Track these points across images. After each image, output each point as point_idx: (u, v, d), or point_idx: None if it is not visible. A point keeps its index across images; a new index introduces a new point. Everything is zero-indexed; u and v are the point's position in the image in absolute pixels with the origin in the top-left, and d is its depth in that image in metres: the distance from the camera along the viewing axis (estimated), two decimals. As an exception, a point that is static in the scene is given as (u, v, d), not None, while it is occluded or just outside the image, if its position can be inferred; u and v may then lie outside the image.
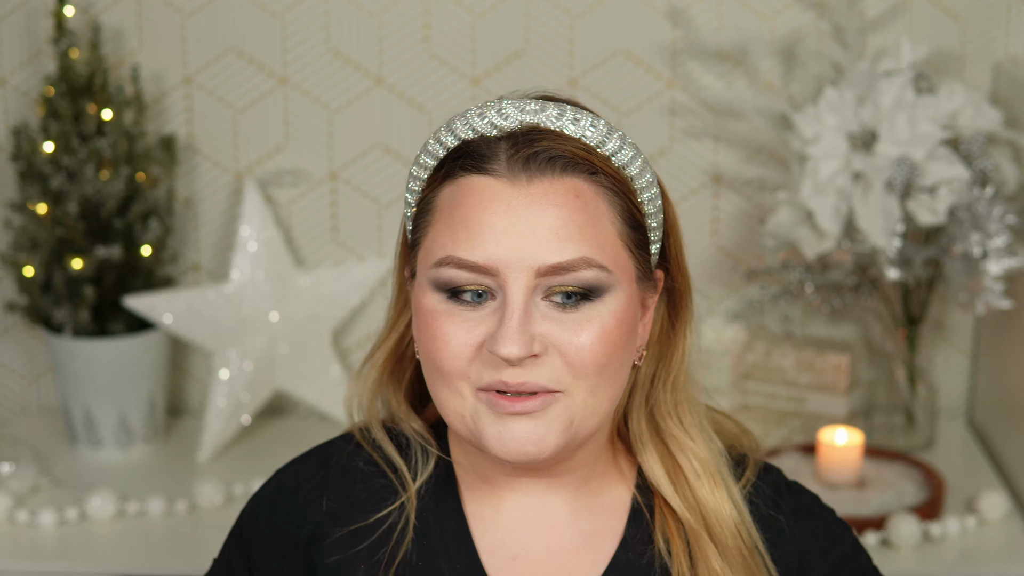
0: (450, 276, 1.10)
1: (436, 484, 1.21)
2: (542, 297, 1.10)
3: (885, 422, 2.13)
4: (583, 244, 1.09)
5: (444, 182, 1.13)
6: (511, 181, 1.10)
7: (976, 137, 1.92)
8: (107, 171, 2.03)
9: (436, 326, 1.11)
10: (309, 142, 2.17)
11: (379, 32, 2.13)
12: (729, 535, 1.18)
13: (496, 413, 1.10)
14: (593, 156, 1.12)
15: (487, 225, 1.09)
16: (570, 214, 1.09)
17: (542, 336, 1.09)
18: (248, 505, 1.26)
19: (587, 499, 1.20)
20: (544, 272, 1.09)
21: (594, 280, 1.10)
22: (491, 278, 1.09)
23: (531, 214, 1.09)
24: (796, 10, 2.11)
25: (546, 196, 1.09)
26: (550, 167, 1.10)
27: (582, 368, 1.10)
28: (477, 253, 1.09)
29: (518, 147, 1.11)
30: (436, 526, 1.20)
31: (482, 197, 1.10)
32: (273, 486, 1.25)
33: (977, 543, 1.86)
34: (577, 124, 1.13)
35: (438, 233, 1.12)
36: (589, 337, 1.10)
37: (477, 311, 1.10)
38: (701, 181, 2.18)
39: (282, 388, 2.15)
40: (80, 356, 2.05)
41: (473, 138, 1.13)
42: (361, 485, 1.21)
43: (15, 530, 1.91)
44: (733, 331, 2.12)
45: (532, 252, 1.08)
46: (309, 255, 2.21)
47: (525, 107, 1.13)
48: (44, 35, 2.13)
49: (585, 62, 2.14)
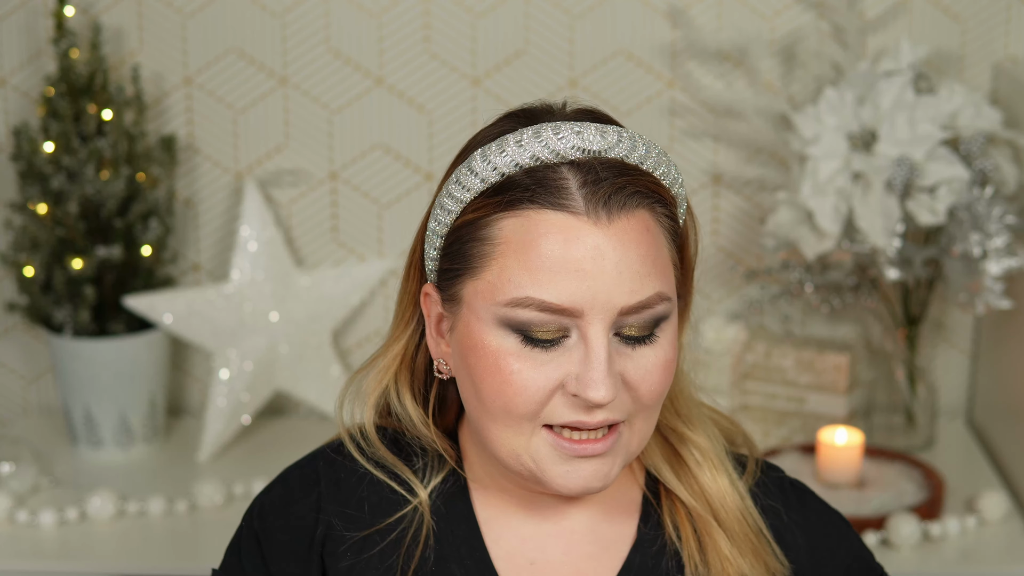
0: (529, 318, 1.07)
1: (447, 490, 1.20)
2: (614, 332, 1.09)
3: (885, 422, 2.13)
4: (657, 279, 1.09)
5: (506, 211, 1.08)
6: (593, 219, 1.06)
7: (976, 137, 1.92)
8: (107, 171, 2.03)
9: (510, 370, 1.08)
10: (309, 142, 2.17)
11: (379, 32, 2.13)
12: (735, 520, 1.18)
13: (563, 454, 1.10)
14: (658, 186, 1.10)
15: (573, 267, 1.06)
16: (646, 250, 1.08)
17: (620, 372, 1.09)
18: (256, 510, 1.23)
19: (602, 502, 1.20)
20: (626, 312, 1.07)
21: (664, 313, 1.10)
22: (570, 319, 1.07)
23: (615, 254, 1.06)
24: (796, 10, 2.11)
25: (627, 234, 1.07)
26: (628, 203, 1.07)
27: (648, 399, 1.10)
28: (563, 296, 1.06)
29: (595, 182, 1.07)
30: (448, 531, 1.19)
31: (565, 236, 1.06)
32: (281, 486, 1.23)
33: (977, 543, 1.86)
34: (634, 150, 1.10)
35: (509, 270, 1.08)
36: (658, 371, 1.10)
37: (551, 352, 1.08)
38: (701, 181, 2.18)
39: (282, 388, 2.15)
40: (80, 356, 2.05)
41: (534, 166, 1.08)
42: (369, 490, 1.20)
43: (15, 530, 1.91)
44: (733, 331, 2.12)
45: (616, 293, 1.06)
46: (309, 255, 2.21)
47: (585, 132, 1.09)
48: (44, 35, 2.13)
49: (585, 62, 2.14)
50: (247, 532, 1.23)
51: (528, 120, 1.12)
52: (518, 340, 1.08)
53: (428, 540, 1.18)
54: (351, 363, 2.23)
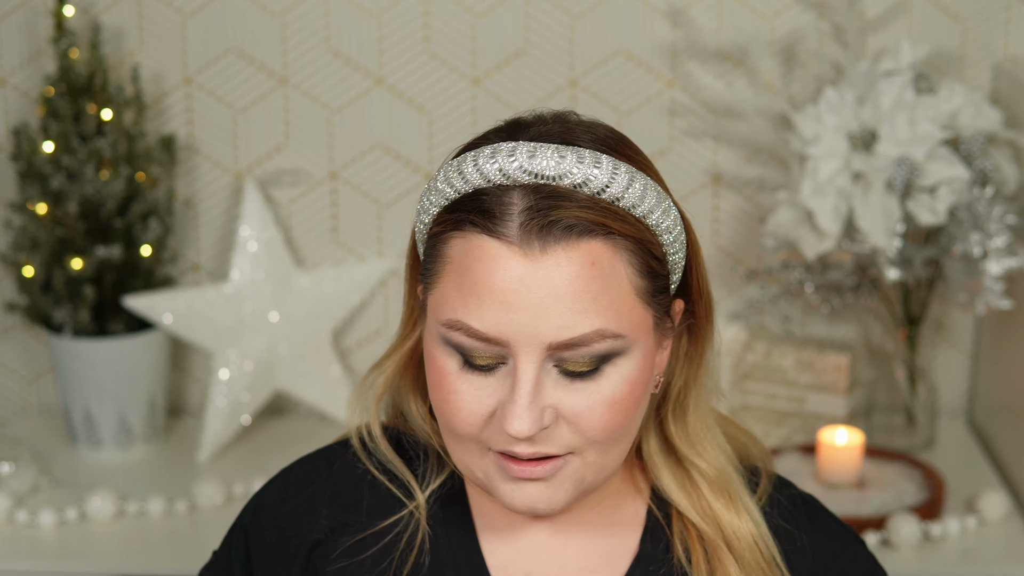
0: (460, 342, 1.06)
1: (446, 493, 1.19)
2: (553, 363, 1.06)
3: (885, 422, 2.13)
4: (597, 316, 1.04)
5: (455, 230, 1.07)
6: (523, 251, 1.03)
7: (976, 137, 1.92)
8: (107, 171, 2.03)
9: (449, 388, 1.07)
10: (309, 142, 2.17)
11: (379, 32, 2.13)
12: (747, 548, 1.16)
13: (507, 475, 1.09)
14: (610, 218, 1.04)
15: (497, 297, 1.03)
16: (585, 284, 1.03)
17: (553, 406, 1.06)
18: (252, 504, 1.23)
19: (602, 516, 1.18)
20: (556, 347, 1.04)
21: (607, 350, 1.05)
22: (502, 348, 1.05)
23: (542, 289, 1.03)
24: (796, 10, 2.11)
25: (559, 268, 1.03)
26: (565, 235, 1.03)
27: (593, 435, 1.07)
28: (488, 325, 1.04)
29: (532, 214, 1.03)
30: (444, 538, 1.18)
31: (493, 266, 1.03)
32: (279, 487, 1.23)
33: (977, 543, 1.86)
34: (597, 173, 1.05)
35: (448, 288, 1.06)
36: (601, 405, 1.06)
37: (489, 377, 1.06)
38: (701, 181, 2.18)
39: (282, 388, 2.15)
40: (80, 356, 2.05)
41: (485, 187, 1.06)
42: (367, 491, 1.20)
43: (15, 530, 1.91)
44: (733, 331, 2.12)
45: (543, 328, 1.03)
46: (309, 255, 2.21)
47: (542, 157, 1.05)
48: (44, 35, 2.13)
49: (585, 62, 2.14)
50: (240, 526, 1.23)
51: (509, 134, 1.10)
52: (459, 362, 1.07)
53: (423, 545, 1.17)
54: (351, 363, 2.23)
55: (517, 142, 1.07)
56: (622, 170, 1.06)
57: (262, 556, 1.21)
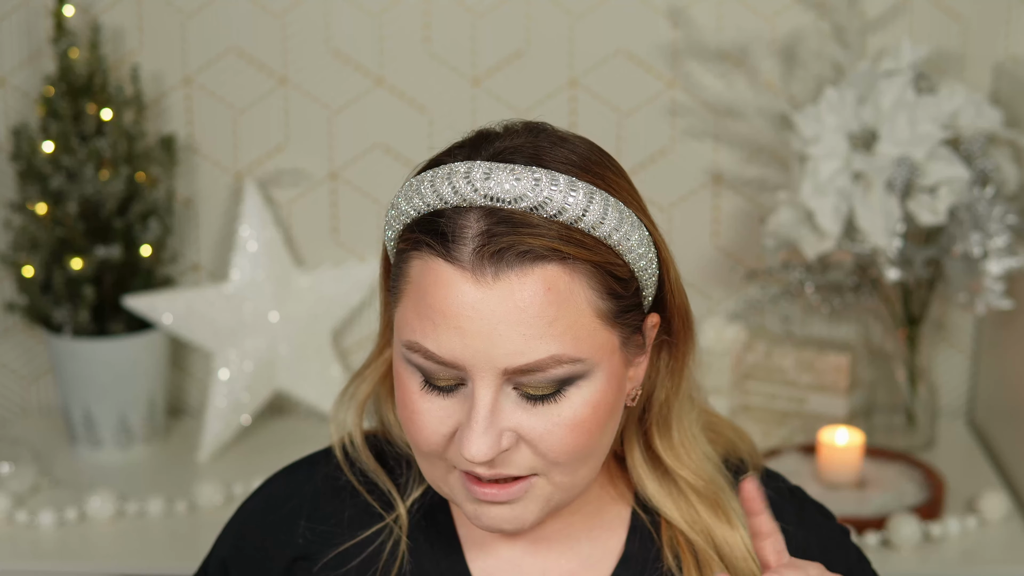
0: (420, 363, 1.05)
1: (428, 503, 1.19)
2: (512, 387, 1.04)
3: (885, 422, 2.13)
4: (552, 342, 1.02)
5: (413, 250, 1.06)
6: (476, 278, 1.01)
7: (976, 137, 1.92)
8: (107, 171, 2.03)
9: (412, 408, 1.07)
10: (309, 142, 2.17)
11: (379, 32, 2.13)
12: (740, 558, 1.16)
13: (471, 496, 1.08)
14: (567, 243, 1.02)
15: (452, 323, 1.02)
16: (539, 310, 1.01)
17: (513, 428, 1.05)
18: (234, 520, 1.24)
19: (584, 521, 1.18)
20: (511, 372, 1.03)
21: (565, 375, 1.04)
22: (459, 371, 1.04)
23: (495, 315, 1.01)
24: (796, 10, 2.11)
25: (512, 296, 1.01)
26: (519, 261, 1.01)
27: (555, 457, 1.06)
28: (443, 349, 1.03)
29: (485, 239, 1.02)
30: (428, 547, 1.18)
31: (446, 292, 1.02)
32: (259, 500, 1.23)
33: (977, 543, 1.86)
34: (553, 196, 1.03)
35: (408, 309, 1.06)
36: (562, 428, 1.05)
37: (449, 398, 1.06)
38: (701, 181, 2.18)
39: (282, 388, 2.15)
40: (80, 356, 2.05)
41: (442, 208, 1.04)
42: (349, 501, 1.19)
43: (15, 530, 1.91)
44: (733, 331, 2.12)
45: (497, 354, 1.02)
46: (309, 255, 2.21)
47: (495, 177, 1.03)
48: (44, 35, 2.13)
49: (585, 62, 2.13)
50: (221, 541, 1.24)
51: (472, 149, 1.08)
52: (420, 380, 1.06)
53: (406, 556, 1.17)
54: (351, 363, 2.23)
55: (474, 162, 1.05)
56: (580, 190, 1.04)
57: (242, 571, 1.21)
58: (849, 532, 1.25)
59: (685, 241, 2.17)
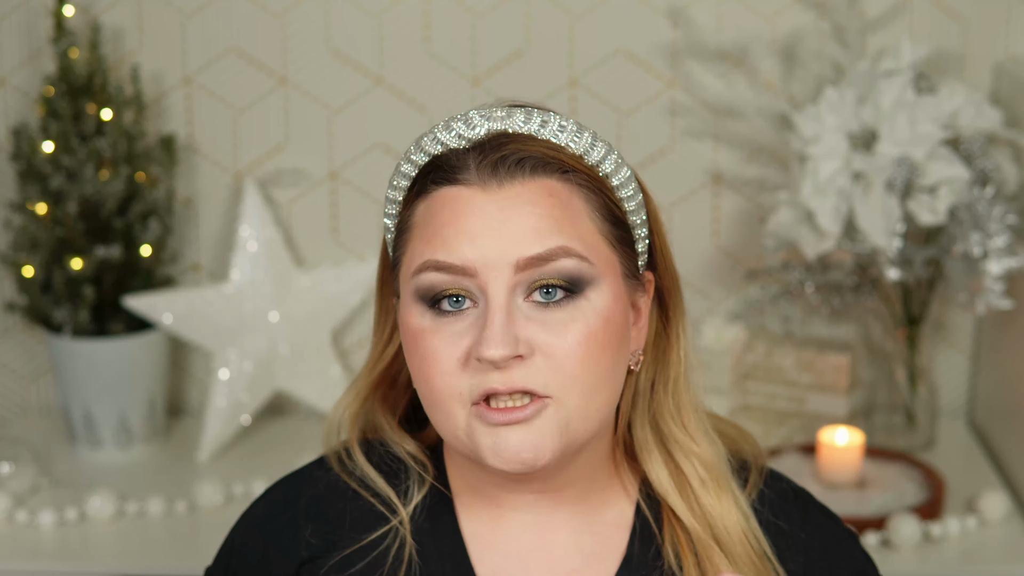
0: (430, 281, 1.09)
1: (431, 505, 1.20)
2: (524, 297, 1.09)
3: (885, 422, 2.13)
4: (561, 235, 1.09)
5: (418, 199, 1.13)
6: (482, 188, 1.09)
7: (976, 137, 1.92)
8: (107, 171, 2.03)
9: (424, 345, 1.10)
10: (309, 142, 2.17)
11: (379, 32, 2.13)
12: (737, 542, 1.16)
13: (489, 425, 1.08)
14: (562, 155, 1.11)
15: (462, 230, 1.08)
16: (546, 210, 1.09)
17: (527, 339, 1.08)
18: (239, 526, 1.24)
19: (589, 516, 1.18)
20: (523, 266, 1.08)
21: (575, 270, 1.09)
22: (470, 279, 1.08)
23: (505, 215, 1.08)
24: (796, 10, 2.11)
25: (519, 197, 1.09)
26: (519, 169, 1.10)
27: (570, 369, 1.08)
28: (454, 255, 1.08)
29: (486, 153, 1.10)
30: (432, 548, 1.18)
31: (455, 207, 1.09)
32: (262, 508, 1.23)
33: (977, 543, 1.86)
34: (545, 126, 1.12)
35: (415, 246, 1.11)
36: (575, 337, 1.08)
37: (460, 322, 1.09)
38: (701, 181, 2.18)
39: (282, 388, 2.15)
40: (80, 356, 2.05)
41: (442, 152, 1.13)
42: (351, 507, 1.20)
43: (15, 530, 1.91)
44: (733, 331, 2.12)
45: (509, 248, 1.08)
46: (309, 255, 2.21)
47: (491, 114, 1.13)
48: (44, 35, 2.13)
49: (585, 62, 2.13)
50: (226, 551, 1.24)
51: None
52: (431, 314, 1.10)
53: (412, 558, 1.17)
54: (351, 363, 2.23)
55: (468, 111, 1.14)
56: (570, 123, 1.13)
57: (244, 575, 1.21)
58: (857, 536, 1.25)
59: (685, 241, 2.17)
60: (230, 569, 1.23)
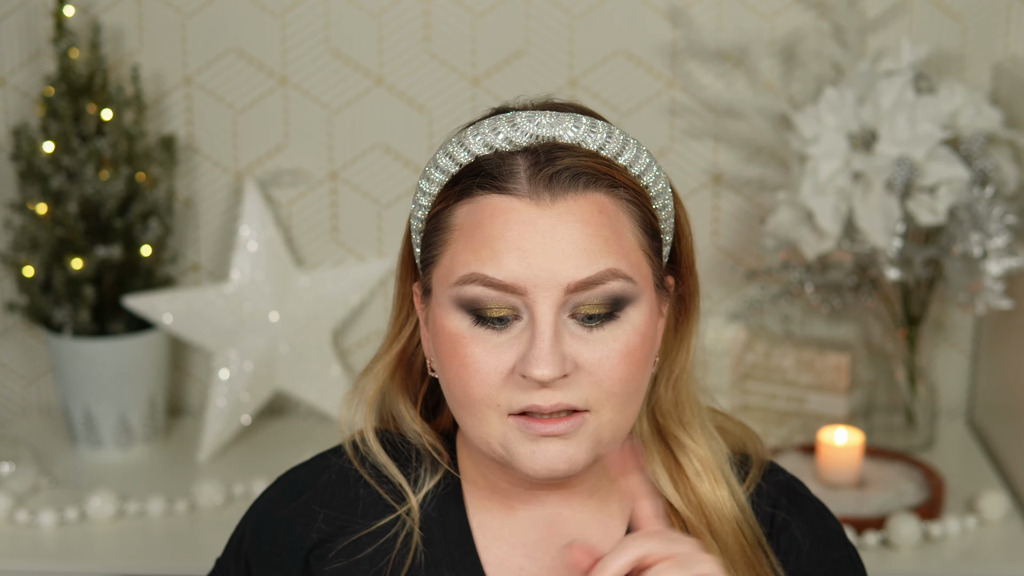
0: (476, 295, 1.09)
1: (441, 494, 1.20)
2: (569, 315, 1.09)
3: (885, 422, 2.13)
4: (609, 256, 1.08)
5: (460, 200, 1.11)
6: (534, 201, 1.08)
7: (976, 137, 1.92)
8: (107, 171, 2.03)
9: (464, 352, 1.09)
10: (309, 142, 2.17)
11: (379, 32, 2.13)
12: (730, 532, 1.17)
13: (528, 435, 1.09)
14: (613, 169, 1.11)
15: (513, 245, 1.07)
16: (595, 229, 1.08)
17: (572, 357, 1.08)
18: (250, 512, 1.25)
19: (595, 508, 1.20)
20: (573, 288, 1.08)
21: (621, 292, 1.09)
22: (518, 297, 1.08)
23: (556, 233, 1.07)
24: (796, 10, 2.11)
25: (571, 214, 1.08)
26: (572, 185, 1.09)
27: (610, 386, 1.09)
28: (504, 272, 1.07)
29: (539, 165, 1.09)
30: (440, 536, 1.19)
31: (506, 218, 1.08)
32: (274, 494, 1.24)
33: (977, 543, 1.86)
34: (594, 135, 1.11)
35: (458, 252, 1.10)
36: (617, 355, 1.09)
37: (503, 334, 1.09)
38: (701, 181, 2.18)
39: (282, 388, 2.15)
40: (80, 356, 2.05)
41: (488, 154, 1.11)
42: (363, 493, 1.21)
43: (15, 530, 1.91)
44: (733, 331, 2.12)
45: (560, 269, 1.07)
46: (309, 255, 2.21)
47: (540, 120, 1.11)
48: (44, 35, 2.13)
49: (585, 62, 2.14)
50: (238, 536, 1.24)
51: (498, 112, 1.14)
52: (471, 322, 1.09)
53: (419, 545, 1.18)
54: (351, 363, 2.23)
55: (514, 112, 1.12)
56: (616, 132, 1.12)
57: (261, 564, 1.21)
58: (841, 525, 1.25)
59: (685, 241, 2.17)
60: (241, 555, 1.23)
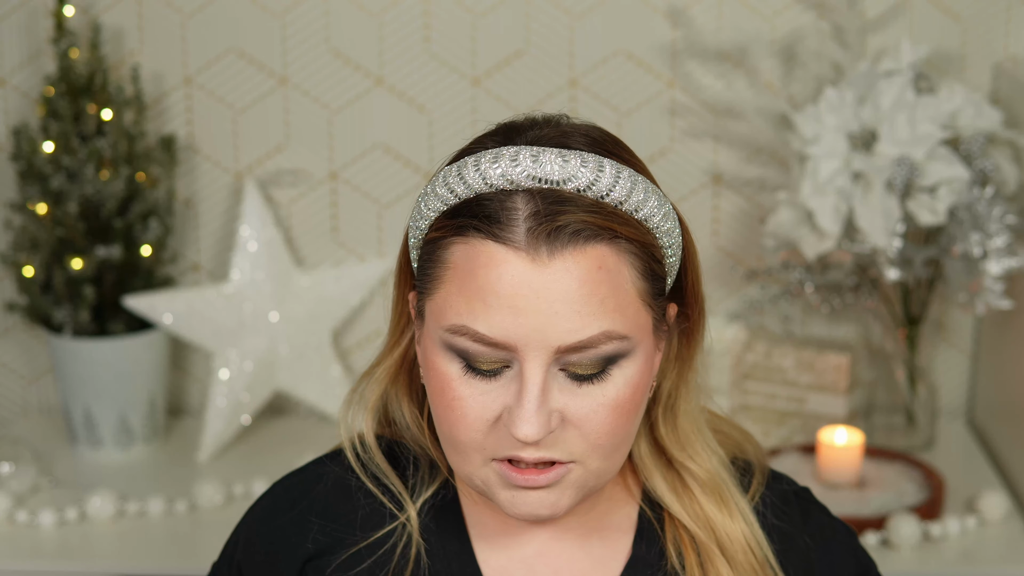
0: (465, 347, 1.05)
1: (439, 503, 1.19)
2: (560, 367, 1.06)
3: (885, 422, 2.13)
4: (604, 318, 1.04)
5: (457, 235, 1.06)
6: (531, 256, 1.03)
7: (976, 137, 1.92)
8: (107, 171, 2.03)
9: (453, 396, 1.07)
10: (309, 142, 2.17)
11: (379, 32, 2.13)
12: (740, 550, 1.16)
13: (509, 483, 1.08)
14: (615, 222, 1.05)
15: (506, 302, 1.03)
16: (593, 288, 1.03)
17: (559, 410, 1.06)
18: (244, 520, 1.23)
19: (596, 521, 1.19)
20: (564, 351, 1.04)
21: (613, 351, 1.05)
22: (508, 352, 1.05)
23: (551, 292, 1.03)
24: (796, 10, 2.11)
25: (567, 272, 1.03)
26: (572, 240, 1.03)
27: (596, 439, 1.07)
28: (495, 329, 1.03)
29: (539, 217, 1.03)
30: (439, 547, 1.18)
31: (500, 271, 1.03)
32: (269, 502, 1.22)
33: (977, 543, 1.86)
34: (600, 180, 1.05)
35: (451, 294, 1.06)
36: (605, 409, 1.06)
37: (492, 382, 1.06)
38: (701, 181, 2.18)
39: (282, 388, 2.15)
40: (80, 356, 2.05)
41: (487, 192, 1.05)
42: (361, 502, 1.19)
43: (15, 530, 1.91)
44: (733, 331, 2.12)
45: (552, 332, 1.03)
46: (309, 255, 2.21)
47: (543, 160, 1.05)
48: (44, 35, 2.13)
49: (585, 62, 2.14)
50: (233, 543, 1.23)
51: (505, 138, 1.09)
52: (461, 366, 1.06)
53: (419, 557, 1.17)
54: (351, 363, 2.23)
55: (519, 146, 1.07)
56: (624, 175, 1.06)
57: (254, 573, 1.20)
58: (856, 535, 1.25)
59: (685, 241, 2.17)
60: (235, 564, 1.22)
